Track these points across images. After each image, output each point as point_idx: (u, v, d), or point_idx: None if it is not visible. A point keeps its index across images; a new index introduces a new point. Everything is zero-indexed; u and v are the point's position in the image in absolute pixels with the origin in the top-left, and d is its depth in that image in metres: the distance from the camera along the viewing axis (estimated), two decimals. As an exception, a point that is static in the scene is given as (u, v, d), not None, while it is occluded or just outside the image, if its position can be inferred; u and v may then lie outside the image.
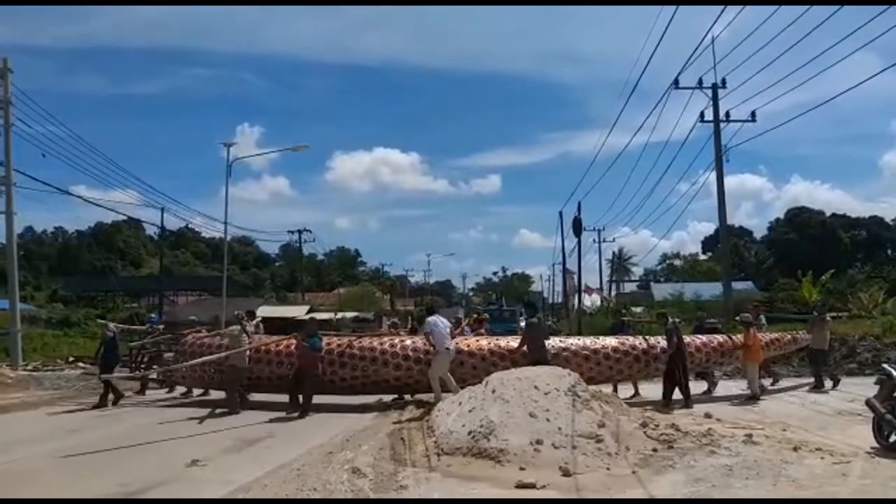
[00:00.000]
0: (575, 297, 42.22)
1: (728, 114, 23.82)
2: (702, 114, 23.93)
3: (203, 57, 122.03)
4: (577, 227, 36.52)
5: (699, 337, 13.44)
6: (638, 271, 76.93)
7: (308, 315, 34.31)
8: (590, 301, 48.75)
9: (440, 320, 12.03)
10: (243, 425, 10.51)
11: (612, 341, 12.90)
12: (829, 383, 13.78)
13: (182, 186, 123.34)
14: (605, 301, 50.49)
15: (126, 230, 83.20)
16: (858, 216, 71.12)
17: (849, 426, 9.27)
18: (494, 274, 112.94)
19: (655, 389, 12.71)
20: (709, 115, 23.80)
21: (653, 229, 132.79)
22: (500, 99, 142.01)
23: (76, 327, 34.73)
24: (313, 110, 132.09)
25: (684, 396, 11.91)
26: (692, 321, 17.36)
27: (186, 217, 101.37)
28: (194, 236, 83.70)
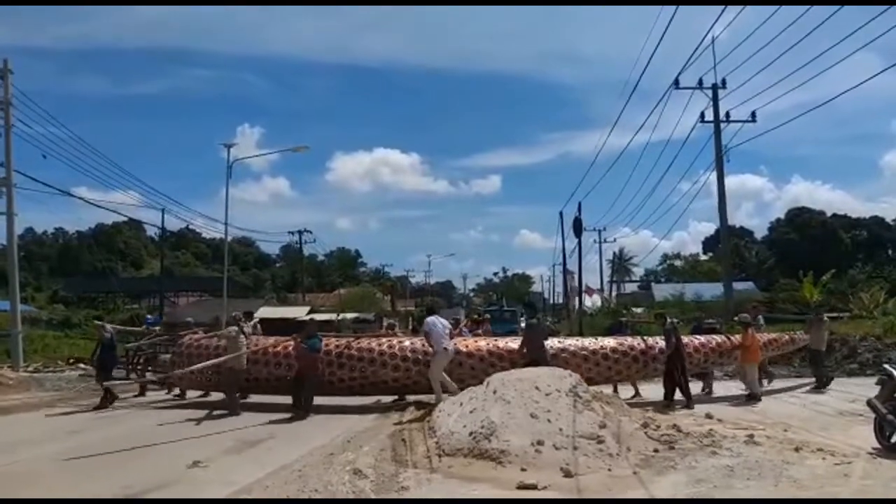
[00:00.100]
0: (575, 298, 42.22)
1: (728, 114, 23.88)
2: (702, 114, 23.99)
3: (204, 57, 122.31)
4: (578, 228, 36.50)
5: (697, 337, 13.44)
6: (639, 272, 77.18)
7: (308, 316, 34.30)
8: (590, 302, 48.79)
9: (439, 321, 12.03)
10: (244, 426, 10.52)
11: (611, 342, 12.90)
12: (816, 382, 13.82)
13: (182, 187, 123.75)
14: (606, 301, 50.52)
15: (127, 231, 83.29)
16: (859, 216, 71.17)
17: (850, 427, 9.27)
18: (495, 274, 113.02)
19: (656, 390, 12.71)
20: (709, 116, 23.86)
21: (653, 230, 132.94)
22: (501, 99, 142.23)
23: (77, 328, 34.73)
24: (314, 111, 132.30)
25: (685, 397, 11.91)
26: (691, 321, 17.38)
27: (187, 218, 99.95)
28: (195, 237, 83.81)
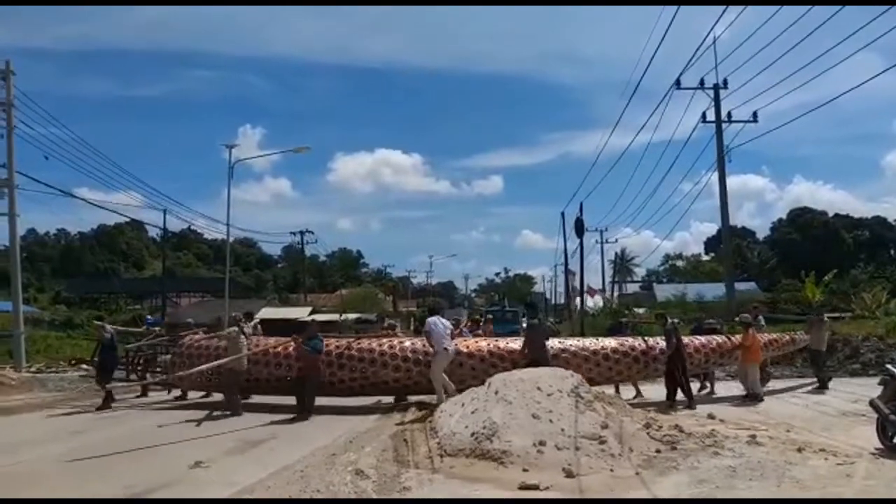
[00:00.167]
0: (577, 298, 42.21)
1: (730, 114, 23.85)
2: (704, 114, 23.95)
3: (205, 59, 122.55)
4: (580, 228, 36.51)
5: (698, 338, 13.43)
6: (640, 272, 77.12)
7: (310, 317, 34.32)
8: (592, 302, 48.72)
9: (440, 321, 12.03)
10: (246, 427, 10.52)
11: (612, 342, 12.90)
12: (816, 383, 13.84)
13: (184, 188, 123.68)
14: (607, 302, 50.44)
15: (129, 232, 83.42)
16: (861, 216, 71.15)
17: (852, 427, 9.26)
18: (497, 275, 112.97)
19: (658, 390, 12.71)
20: (711, 116, 23.82)
21: (655, 230, 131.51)
22: (502, 99, 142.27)
23: (79, 329, 34.74)
24: (315, 112, 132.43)
25: (687, 397, 11.91)
26: (691, 322, 17.38)
27: (189, 219, 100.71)
28: (197, 238, 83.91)
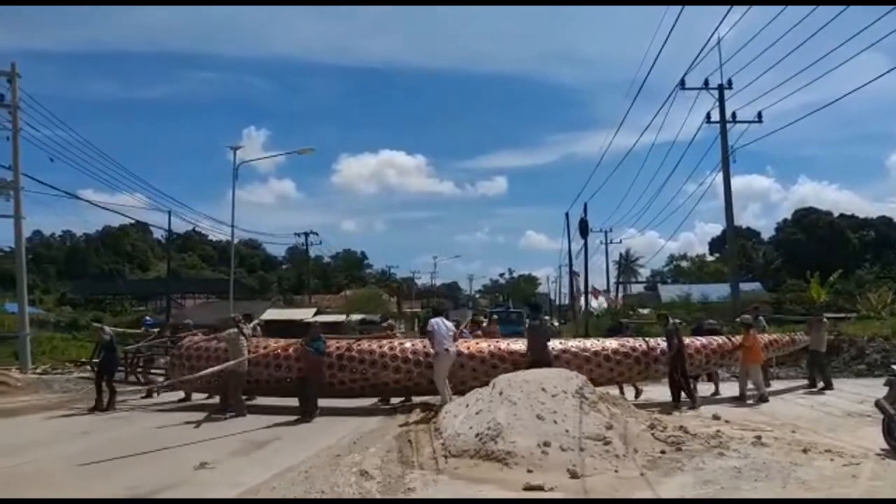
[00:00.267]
0: (582, 299, 42.16)
1: (734, 114, 23.75)
2: (708, 114, 23.86)
3: (208, 60, 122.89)
4: (584, 229, 36.52)
5: (699, 339, 13.39)
6: (645, 273, 76.90)
7: (314, 318, 34.34)
8: (596, 303, 48.65)
9: (443, 322, 12.02)
10: (250, 428, 10.53)
11: (613, 343, 12.88)
12: (820, 384, 13.82)
13: (189, 190, 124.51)
14: (611, 303, 50.36)
15: (133, 233, 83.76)
16: (867, 216, 70.90)
17: (858, 428, 9.23)
18: (501, 276, 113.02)
19: (663, 391, 12.68)
20: (715, 116, 23.72)
21: (660, 230, 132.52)
22: (505, 100, 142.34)
23: (84, 330, 34.85)
24: (318, 113, 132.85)
25: (689, 398, 11.90)
26: (692, 322, 17.34)
27: (193, 220, 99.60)
28: (201, 239, 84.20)
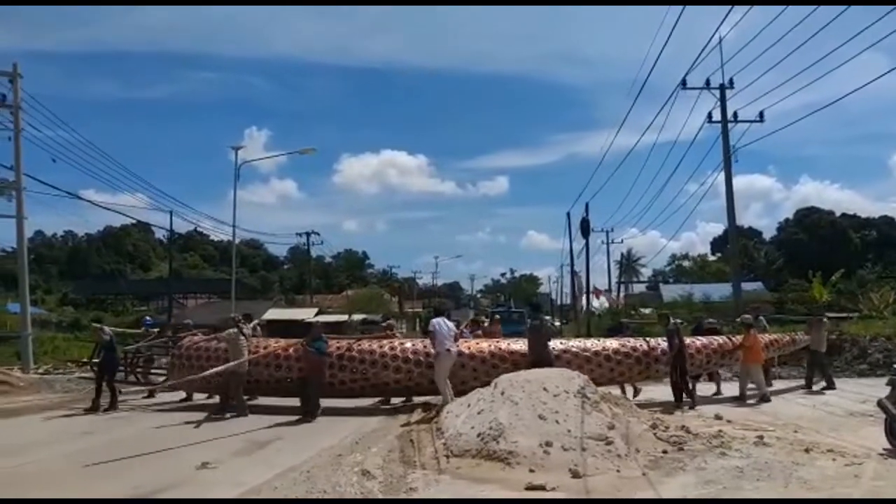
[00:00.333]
0: (583, 299, 42.12)
1: (736, 114, 23.71)
2: (710, 114, 23.85)
3: (209, 61, 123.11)
4: (585, 229, 36.48)
5: (699, 338, 13.38)
6: (647, 272, 76.82)
7: (316, 317, 34.37)
8: (598, 303, 48.58)
9: (444, 322, 12.03)
10: (252, 428, 10.53)
11: (614, 343, 12.87)
12: (821, 384, 13.83)
13: (190, 190, 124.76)
14: (612, 303, 50.28)
15: (135, 233, 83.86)
16: (869, 216, 70.85)
17: (860, 427, 9.23)
18: (502, 275, 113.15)
19: (665, 391, 12.67)
20: (717, 116, 23.70)
21: (661, 230, 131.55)
22: (507, 100, 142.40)
23: (86, 330, 34.89)
24: (319, 113, 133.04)
25: (689, 397, 11.93)
26: (692, 322, 17.30)
27: (195, 220, 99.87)
28: (203, 239, 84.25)
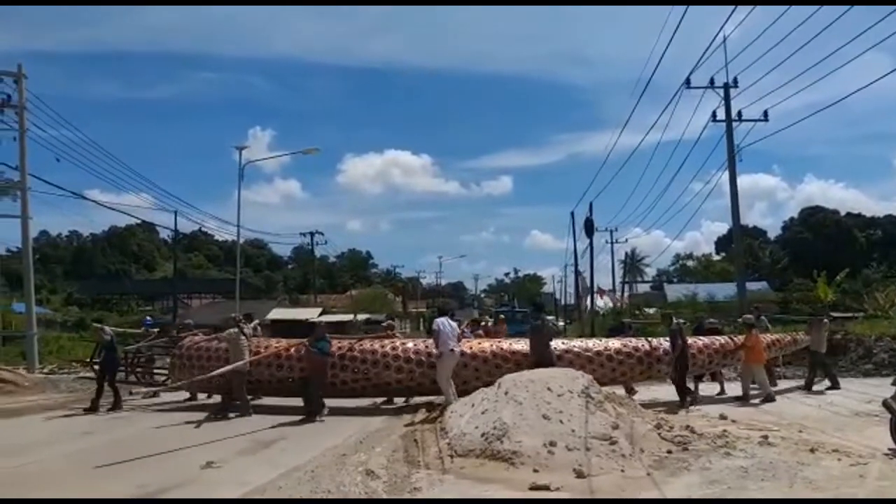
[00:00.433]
0: (587, 299, 42.07)
1: (740, 113, 23.58)
2: (714, 113, 23.74)
3: (210, 61, 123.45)
4: (589, 228, 36.43)
5: (701, 338, 13.36)
6: (651, 272, 76.73)
7: (320, 317, 34.41)
8: (602, 302, 48.49)
9: (448, 322, 12.03)
10: (256, 428, 10.54)
11: (615, 343, 12.85)
12: (824, 384, 13.81)
13: (195, 190, 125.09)
14: (615, 302, 50.16)
15: (140, 234, 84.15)
16: (874, 215, 70.71)
17: (866, 427, 9.19)
18: (506, 275, 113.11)
19: (669, 390, 12.65)
20: (721, 115, 23.60)
21: (665, 230, 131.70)
22: (511, 100, 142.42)
23: (91, 330, 34.98)
24: (323, 113, 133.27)
25: (688, 396, 11.92)
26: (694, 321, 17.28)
27: (199, 220, 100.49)
28: (207, 239, 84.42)
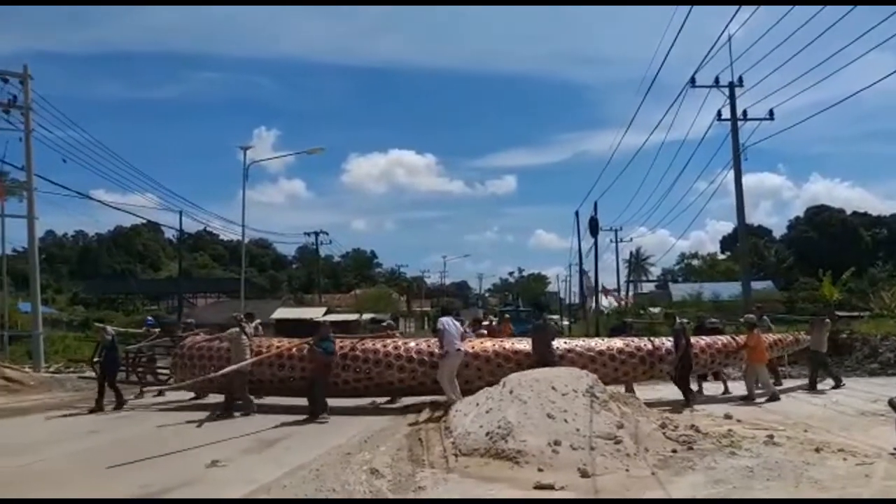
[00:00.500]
0: (592, 298, 41.95)
1: (745, 112, 23.52)
2: (719, 112, 23.66)
3: (213, 61, 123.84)
4: (594, 228, 36.33)
5: (703, 338, 13.33)
6: (656, 271, 76.67)
7: (324, 317, 34.47)
8: (606, 302, 48.38)
9: (452, 321, 12.03)
10: (260, 427, 10.54)
11: (618, 342, 12.81)
12: (827, 383, 13.78)
13: (199, 190, 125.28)
14: (619, 302, 50.04)
15: (145, 233, 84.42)
16: (879, 214, 70.62)
17: (871, 427, 9.16)
18: (510, 275, 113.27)
19: (674, 389, 12.62)
20: (726, 114, 23.52)
21: (670, 229, 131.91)
22: (515, 99, 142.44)
23: (93, 330, 35.05)
24: (326, 113, 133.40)
25: (685, 396, 11.90)
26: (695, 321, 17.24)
27: (204, 220, 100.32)
28: (212, 239, 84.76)
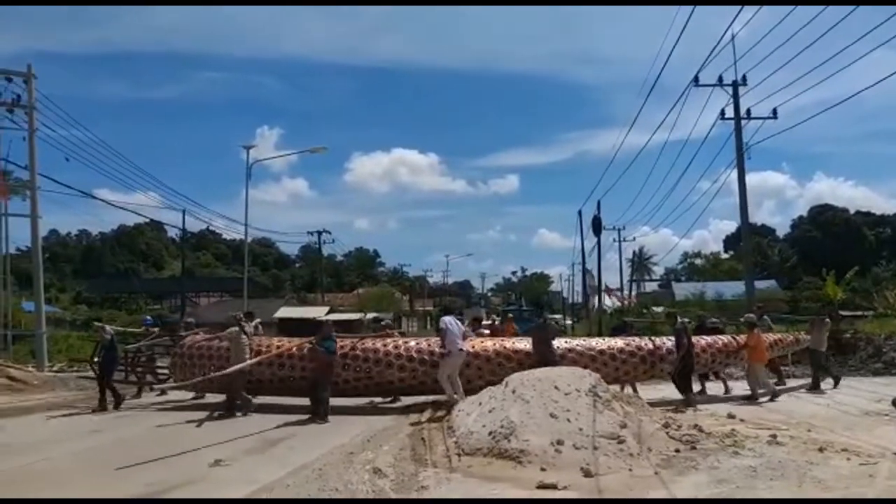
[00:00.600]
0: (594, 298, 41.91)
1: (749, 111, 23.45)
2: (722, 111, 23.60)
3: (217, 61, 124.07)
4: (597, 227, 36.25)
5: (704, 337, 13.31)
6: (659, 271, 76.58)
7: (327, 316, 34.49)
8: (609, 301, 48.31)
9: (454, 321, 12.02)
10: (263, 427, 10.53)
11: (619, 342, 12.82)
12: (829, 382, 13.75)
13: (202, 189, 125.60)
14: (623, 301, 49.98)
15: (148, 232, 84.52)
16: (883, 213, 70.45)
17: (875, 426, 9.16)
18: (513, 274, 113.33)
19: (675, 390, 12.60)
20: (729, 113, 23.46)
21: (673, 228, 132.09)
22: (518, 99, 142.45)
23: (93, 329, 35.08)
24: (331, 112, 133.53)
25: (684, 395, 11.90)
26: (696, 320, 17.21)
27: (207, 219, 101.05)
28: (215, 238, 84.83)
